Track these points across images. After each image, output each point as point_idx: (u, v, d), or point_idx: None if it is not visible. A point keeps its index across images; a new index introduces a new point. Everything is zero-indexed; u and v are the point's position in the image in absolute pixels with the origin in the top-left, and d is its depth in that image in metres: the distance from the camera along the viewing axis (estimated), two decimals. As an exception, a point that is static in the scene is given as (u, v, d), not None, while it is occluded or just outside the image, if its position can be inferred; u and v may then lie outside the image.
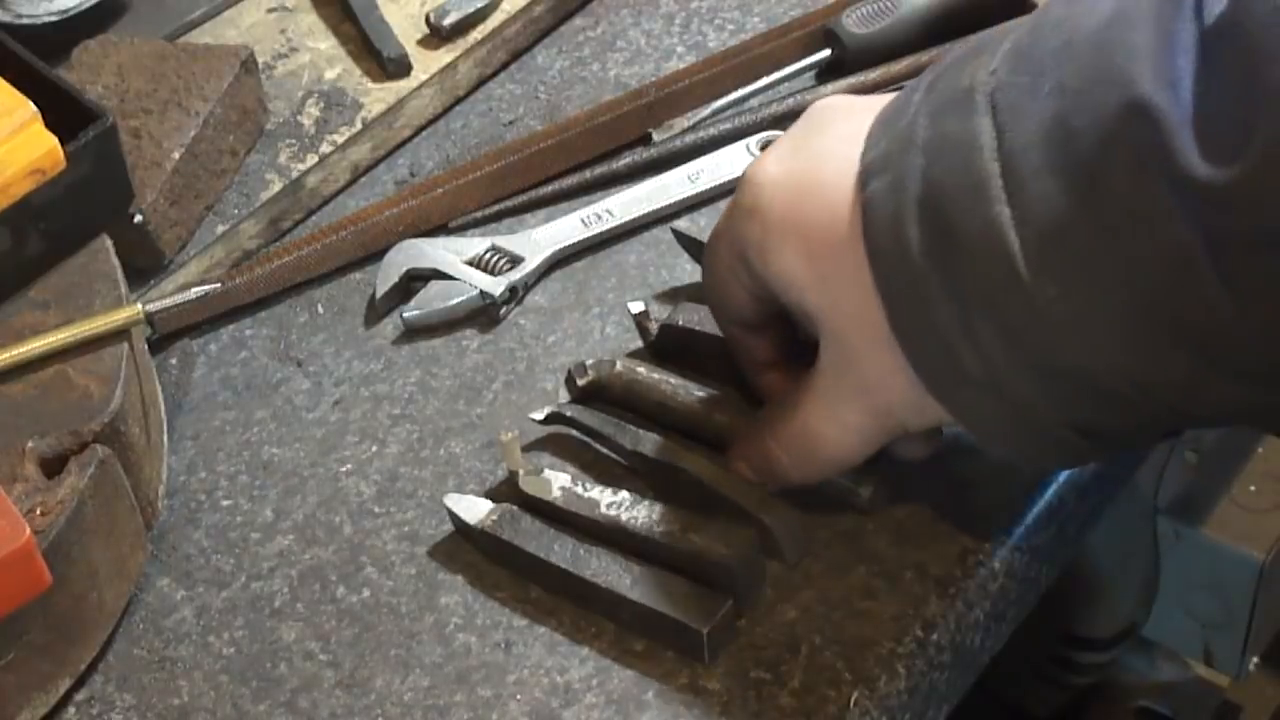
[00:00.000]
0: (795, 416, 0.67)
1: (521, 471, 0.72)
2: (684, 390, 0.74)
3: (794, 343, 0.71)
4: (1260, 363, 0.57)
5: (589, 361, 0.76)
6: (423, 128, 0.92)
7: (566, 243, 0.84)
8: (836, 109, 0.67)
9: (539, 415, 0.75)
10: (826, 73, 0.91)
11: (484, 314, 0.82)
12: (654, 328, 0.78)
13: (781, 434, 0.68)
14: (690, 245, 0.82)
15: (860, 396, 0.65)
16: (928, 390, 0.63)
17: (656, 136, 0.89)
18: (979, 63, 0.61)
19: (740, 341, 0.72)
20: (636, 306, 0.78)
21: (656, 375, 0.75)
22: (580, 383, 0.75)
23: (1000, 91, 0.60)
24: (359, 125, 0.92)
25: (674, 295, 0.81)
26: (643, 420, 0.74)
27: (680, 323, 0.77)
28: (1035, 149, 0.58)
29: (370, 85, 0.95)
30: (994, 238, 0.58)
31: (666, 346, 0.78)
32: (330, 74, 0.96)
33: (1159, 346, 0.57)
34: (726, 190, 0.86)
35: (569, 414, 0.75)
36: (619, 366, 0.75)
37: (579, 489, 0.71)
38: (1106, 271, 0.57)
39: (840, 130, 0.66)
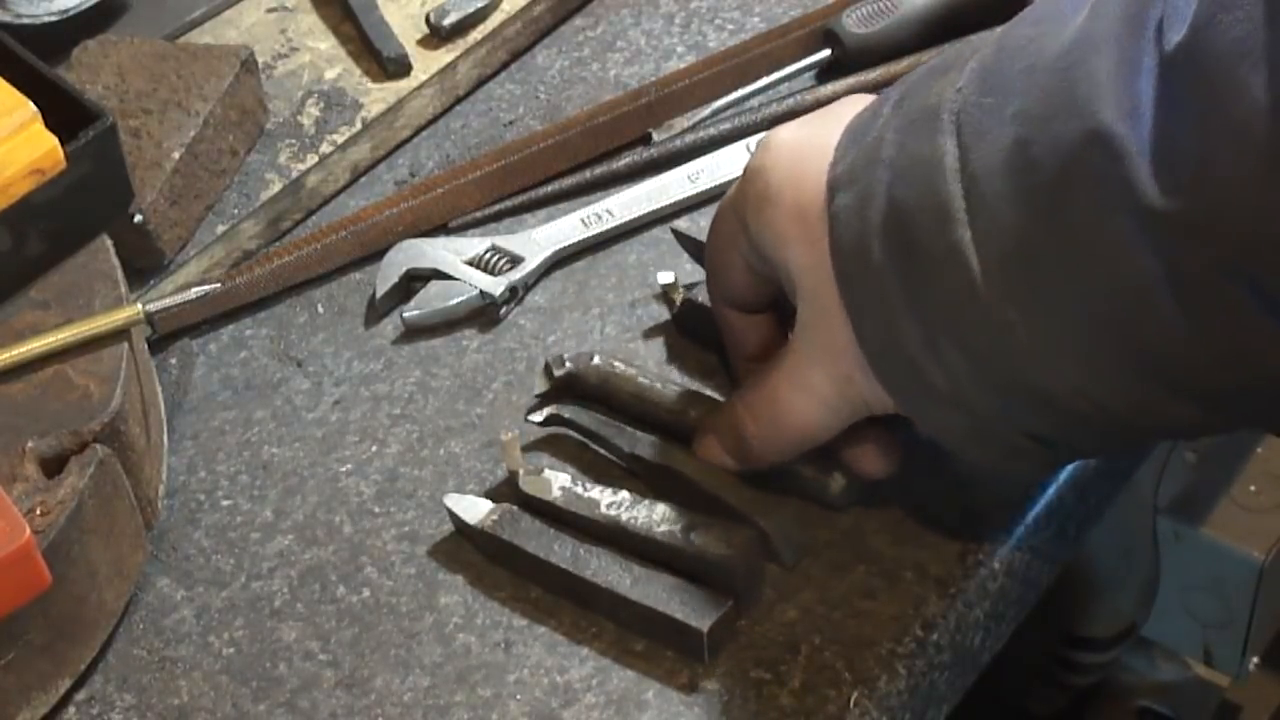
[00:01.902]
0: (766, 382, 0.68)
1: (521, 471, 0.72)
2: (661, 384, 0.74)
3: (781, 339, 0.72)
4: (1218, 386, 0.57)
5: (567, 355, 0.76)
6: (423, 128, 0.92)
7: (566, 243, 0.84)
8: (857, 101, 0.68)
9: (538, 417, 0.75)
10: (826, 73, 0.91)
11: (484, 314, 0.82)
12: (678, 300, 0.78)
13: (751, 400, 0.69)
14: (690, 245, 0.82)
15: (828, 361, 0.65)
16: (894, 402, 0.64)
17: (656, 136, 0.89)
18: (946, 80, 0.61)
19: (731, 325, 0.73)
20: (666, 277, 0.79)
21: (633, 370, 0.75)
22: (557, 374, 0.75)
23: (965, 112, 0.60)
24: (359, 125, 0.92)
25: (689, 286, 0.81)
26: (620, 414, 0.74)
27: (702, 299, 0.77)
28: (998, 174, 0.58)
29: (370, 85, 0.95)
30: (956, 260, 0.59)
31: (688, 321, 0.78)
32: (330, 74, 0.96)
33: (1117, 371, 0.58)
34: (726, 190, 0.86)
35: (567, 415, 0.75)
36: (596, 360, 0.75)
37: (579, 489, 0.71)
38: (1066, 297, 0.57)
39: (856, 112, 0.66)
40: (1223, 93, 0.53)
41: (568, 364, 0.75)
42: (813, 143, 0.65)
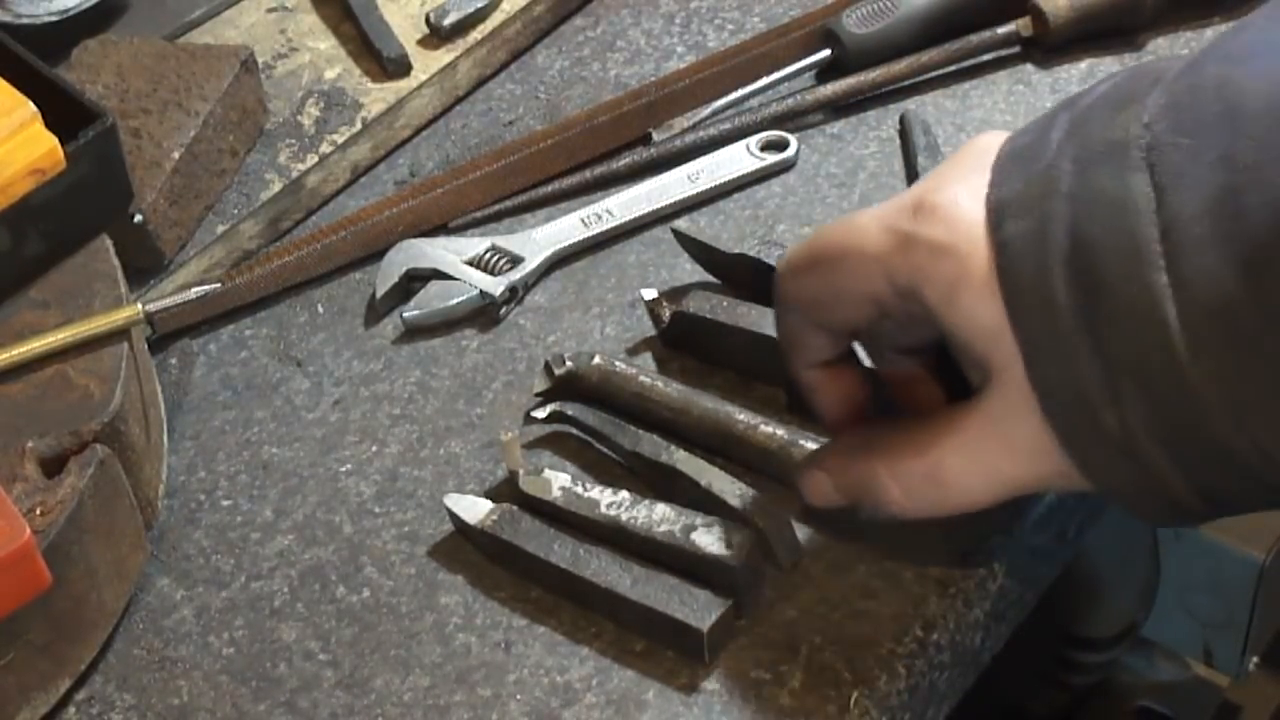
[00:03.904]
0: (926, 455, 0.63)
1: (521, 471, 0.72)
2: (662, 383, 0.74)
3: (866, 387, 0.69)
4: None
5: (567, 354, 0.76)
6: (423, 128, 0.92)
7: (566, 243, 0.84)
8: (994, 138, 0.64)
9: (541, 413, 0.75)
10: (826, 73, 0.91)
11: (484, 314, 0.82)
12: (666, 315, 0.78)
13: (902, 467, 0.64)
14: (690, 245, 0.82)
15: (1024, 450, 0.61)
16: (1058, 443, 0.60)
17: (656, 136, 0.89)
18: (1129, 114, 0.58)
19: (800, 338, 0.68)
20: (649, 293, 0.79)
21: (633, 369, 0.75)
22: (557, 373, 0.75)
23: (1157, 151, 0.57)
24: (359, 125, 0.93)
25: (675, 294, 0.81)
26: (621, 413, 0.74)
27: (692, 310, 0.77)
28: (1200, 220, 0.55)
29: (370, 85, 0.95)
30: (1150, 307, 0.56)
31: (678, 334, 0.78)
32: (330, 74, 0.96)
33: None
34: (726, 190, 0.87)
35: (570, 412, 0.75)
36: (597, 359, 0.75)
37: (579, 489, 0.71)
38: (1268, 359, 0.55)
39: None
40: None
41: (568, 363, 0.75)
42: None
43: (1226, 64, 0.58)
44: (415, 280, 0.83)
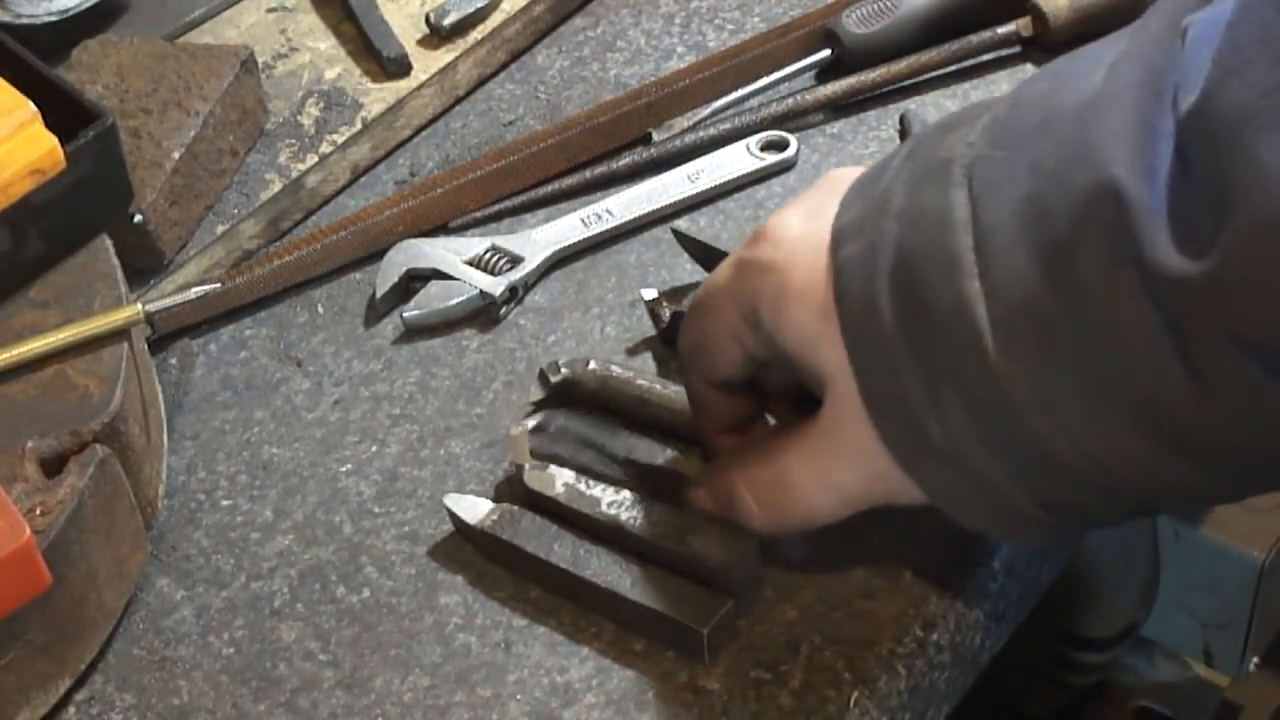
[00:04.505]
0: (774, 463, 0.66)
1: (527, 465, 0.72)
2: (660, 385, 0.74)
3: (756, 414, 0.71)
4: (1224, 452, 0.56)
5: (562, 360, 0.75)
6: (423, 128, 0.92)
7: (566, 243, 0.84)
8: (847, 174, 0.66)
9: (532, 422, 0.74)
10: (826, 73, 0.91)
11: (484, 314, 0.82)
12: (666, 315, 0.78)
13: (754, 478, 0.67)
14: (690, 245, 0.82)
15: (856, 459, 0.63)
16: (893, 459, 0.62)
17: (656, 136, 0.89)
18: (958, 135, 0.61)
19: (707, 402, 0.70)
20: (649, 293, 0.79)
21: (631, 372, 0.75)
22: (553, 379, 0.75)
23: (977, 165, 0.59)
24: (359, 125, 0.93)
25: (675, 294, 0.81)
26: (619, 419, 0.74)
27: None
28: (1008, 226, 0.57)
29: (370, 85, 0.95)
30: (964, 313, 0.58)
31: (678, 333, 0.78)
32: (330, 74, 0.96)
33: (1122, 429, 0.57)
34: (726, 190, 0.87)
35: (560, 423, 0.74)
36: (593, 365, 0.75)
37: (581, 486, 0.71)
38: (1072, 352, 0.57)
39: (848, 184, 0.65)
40: (1230, 160, 0.52)
41: (564, 370, 0.75)
42: (824, 232, 0.63)
43: (1053, 79, 0.60)
44: (415, 280, 0.84)
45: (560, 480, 0.71)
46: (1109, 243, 0.55)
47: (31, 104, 0.74)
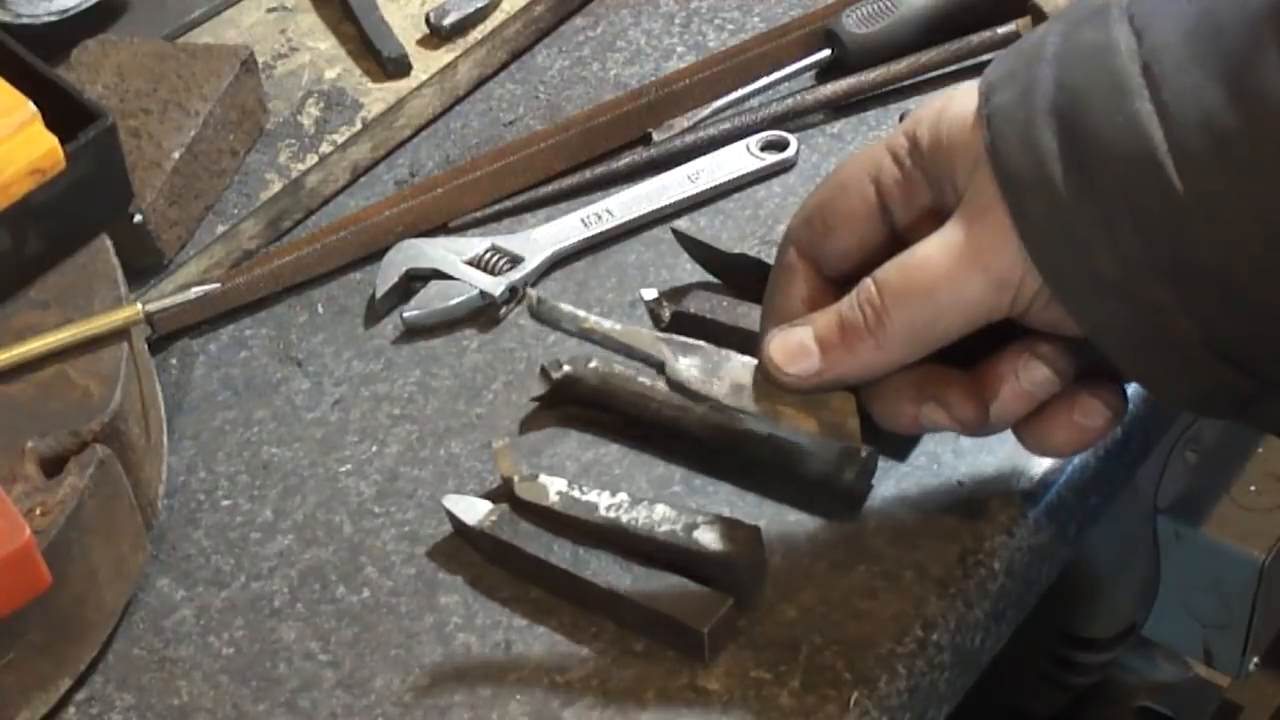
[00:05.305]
0: (913, 253, 0.63)
1: (516, 478, 0.72)
2: (662, 383, 0.74)
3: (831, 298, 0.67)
4: None
5: (563, 357, 0.75)
6: (423, 128, 0.92)
7: (566, 243, 0.84)
8: None
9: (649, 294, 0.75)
10: (826, 73, 0.91)
11: (484, 314, 0.82)
12: (666, 315, 0.78)
13: (892, 268, 0.63)
14: (690, 245, 0.82)
15: (986, 259, 0.61)
16: (1056, 297, 0.60)
17: (656, 136, 0.89)
18: None
19: (792, 275, 0.67)
20: (649, 293, 0.79)
21: (632, 369, 0.75)
22: (555, 376, 0.75)
23: (1137, 3, 0.59)
24: (359, 125, 0.93)
25: (675, 294, 0.81)
26: (621, 415, 0.74)
27: (692, 310, 0.77)
28: (1178, 45, 0.57)
29: (370, 85, 0.95)
30: (1136, 133, 0.57)
31: (678, 333, 0.78)
32: (330, 74, 0.96)
33: None
34: (726, 190, 0.87)
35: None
36: (594, 362, 0.75)
37: (576, 493, 0.71)
38: (1254, 165, 0.55)
39: None
40: None
41: (565, 367, 0.75)
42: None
43: None
44: (415, 280, 0.83)
45: (554, 489, 0.71)
46: None
47: (31, 104, 0.74)
